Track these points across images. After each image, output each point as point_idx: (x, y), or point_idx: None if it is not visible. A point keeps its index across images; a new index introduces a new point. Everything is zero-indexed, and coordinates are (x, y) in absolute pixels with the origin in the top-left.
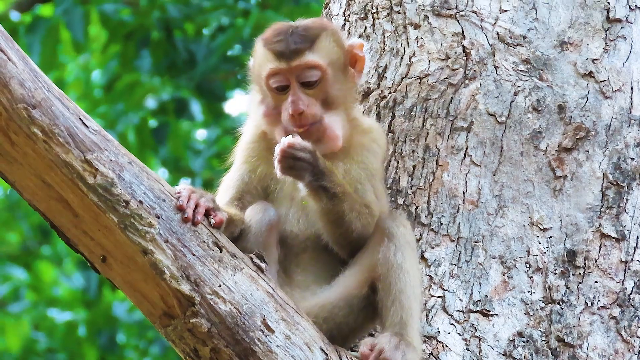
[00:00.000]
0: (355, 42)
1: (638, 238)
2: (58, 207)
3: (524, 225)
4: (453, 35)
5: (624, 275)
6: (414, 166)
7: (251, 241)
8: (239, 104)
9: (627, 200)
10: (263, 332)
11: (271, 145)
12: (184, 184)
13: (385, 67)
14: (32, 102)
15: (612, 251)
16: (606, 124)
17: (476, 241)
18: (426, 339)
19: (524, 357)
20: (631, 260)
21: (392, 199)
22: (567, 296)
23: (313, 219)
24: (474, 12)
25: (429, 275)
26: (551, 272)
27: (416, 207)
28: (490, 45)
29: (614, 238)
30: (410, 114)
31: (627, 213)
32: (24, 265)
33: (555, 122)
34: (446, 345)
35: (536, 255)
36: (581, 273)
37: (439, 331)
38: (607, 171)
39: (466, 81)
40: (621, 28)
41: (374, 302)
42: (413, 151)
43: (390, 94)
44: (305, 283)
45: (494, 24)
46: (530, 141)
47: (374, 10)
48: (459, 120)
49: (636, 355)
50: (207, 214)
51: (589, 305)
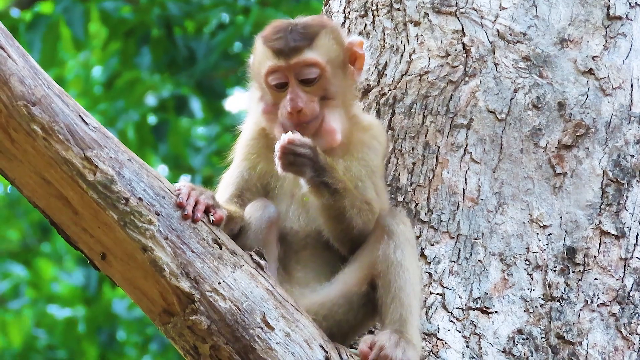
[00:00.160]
0: (355, 40)
1: (638, 235)
2: (58, 205)
3: (524, 222)
4: (453, 33)
5: (624, 272)
6: (414, 163)
7: (251, 238)
8: (239, 101)
9: (627, 197)
10: (263, 330)
11: (271, 142)
12: (183, 181)
13: (385, 65)
14: (32, 99)
15: (612, 248)
16: (606, 121)
17: (476, 238)
18: (426, 336)
19: (524, 355)
20: (631, 257)
21: (392, 196)
22: (567, 293)
23: (313, 216)
24: (474, 10)
25: (428, 272)
26: (551, 270)
27: (416, 205)
28: (490, 43)
29: (613, 235)
30: (410, 111)
31: (627, 210)
32: (23, 262)
33: (555, 119)
34: (446, 343)
35: (536, 252)
36: (581, 270)
37: (438, 328)
38: (607, 168)
39: (466, 78)
40: (621, 25)
41: (374, 300)
42: (413, 148)
43: (390, 91)
44: (305, 280)
45: (494, 21)
46: (530, 138)
47: (374, 8)
48: (458, 117)
49: (636, 353)
50: (207, 211)
51: (589, 302)
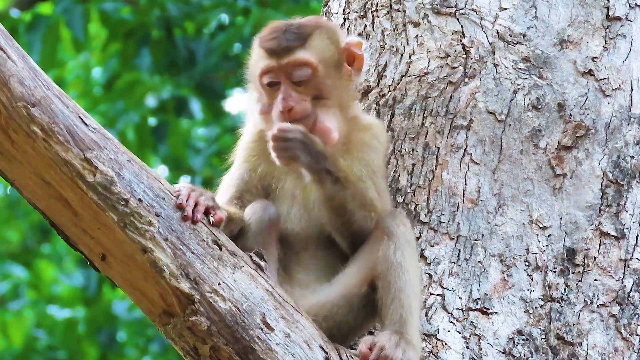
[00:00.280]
0: (353, 40)
1: (637, 236)
2: (58, 206)
3: (524, 223)
4: (453, 34)
5: (624, 273)
6: (414, 164)
7: (251, 239)
8: (238, 102)
9: (627, 198)
10: (263, 330)
11: None
12: (183, 182)
13: (385, 66)
14: (32, 100)
15: (612, 249)
16: (606, 122)
17: (476, 239)
18: (426, 337)
19: (524, 355)
20: (630, 258)
21: (392, 197)
22: (567, 294)
23: (315, 217)
24: (474, 10)
25: (428, 273)
26: (551, 270)
27: (416, 206)
28: (490, 44)
29: (613, 236)
30: (409, 112)
31: (627, 211)
32: (24, 263)
33: (554, 121)
34: (446, 343)
35: (536, 253)
36: (581, 271)
37: (438, 329)
38: (607, 169)
39: (466, 79)
40: (621, 26)
41: (374, 301)
42: (412, 149)
43: (389, 92)
44: (306, 281)
45: (494, 22)
46: (529, 139)
47: (374, 9)
48: (458, 118)
49: (636, 353)
50: (207, 212)
51: (589, 303)
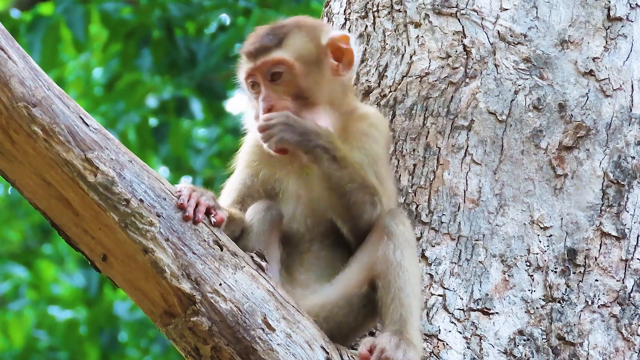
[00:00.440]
0: (337, 35)
1: (638, 236)
2: (58, 206)
3: (525, 223)
4: (454, 34)
5: (625, 273)
6: (415, 165)
7: (253, 240)
8: (239, 103)
9: (628, 198)
10: (264, 331)
11: None
12: (184, 182)
13: (386, 66)
14: (33, 101)
15: (613, 250)
16: (607, 123)
17: (477, 240)
18: (427, 337)
19: (525, 356)
20: (631, 258)
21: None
22: (568, 294)
23: (320, 214)
24: (475, 11)
25: (429, 273)
26: (552, 271)
27: (417, 206)
28: (491, 44)
29: (614, 236)
30: (410, 112)
31: (628, 211)
32: (24, 263)
33: (555, 121)
34: (447, 344)
35: (537, 253)
36: (581, 271)
37: (439, 329)
38: (608, 170)
39: (467, 80)
40: (622, 26)
41: (374, 300)
42: (414, 150)
43: (390, 93)
44: (307, 282)
45: (495, 22)
46: (530, 140)
47: (375, 9)
48: (459, 118)
49: (637, 354)
50: (208, 212)
51: (590, 303)
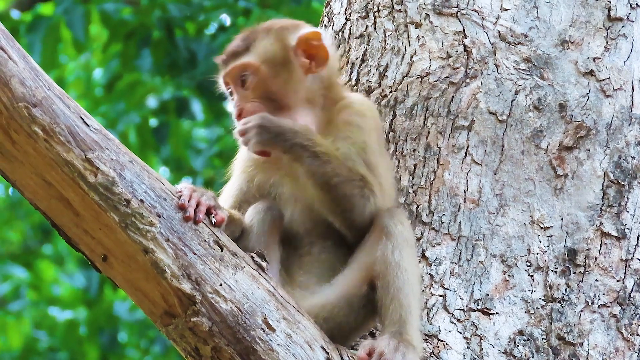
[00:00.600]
0: (304, 33)
1: (638, 237)
2: (59, 206)
3: (525, 223)
4: (454, 34)
5: (625, 273)
6: (415, 165)
7: (253, 240)
8: None
9: (628, 198)
10: (264, 331)
11: None
12: (185, 182)
13: (387, 66)
14: (33, 101)
15: (613, 250)
16: (607, 123)
17: (477, 240)
18: (427, 338)
19: (525, 356)
20: (632, 258)
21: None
22: (568, 294)
23: (317, 215)
24: (475, 11)
25: (429, 273)
26: (552, 271)
27: (417, 206)
28: (492, 44)
29: (614, 236)
30: (411, 112)
31: (628, 212)
32: (24, 264)
33: (556, 121)
34: (447, 344)
35: (537, 253)
36: (582, 271)
37: (439, 330)
38: (608, 170)
39: (467, 80)
40: (622, 27)
41: (374, 300)
42: (414, 150)
43: (391, 93)
44: (307, 283)
45: (495, 22)
46: (531, 140)
47: (375, 9)
48: (460, 119)
49: (637, 354)
50: (208, 212)
51: (590, 303)
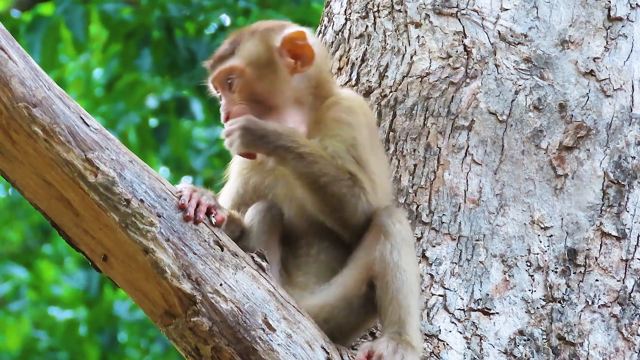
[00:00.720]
0: (289, 33)
1: (639, 237)
2: (59, 206)
3: (525, 223)
4: (454, 34)
5: (625, 273)
6: (415, 165)
7: (253, 240)
8: None
9: (628, 198)
10: (264, 331)
11: (260, 156)
12: (185, 182)
13: (387, 66)
14: (33, 101)
15: (613, 250)
16: (607, 123)
17: (477, 240)
18: (427, 338)
19: (525, 356)
20: (632, 258)
21: (394, 197)
22: (568, 294)
23: (311, 216)
24: (475, 11)
25: (430, 273)
26: (552, 271)
27: (417, 206)
28: (492, 44)
29: (614, 236)
30: (411, 112)
31: (628, 212)
32: (24, 264)
33: (556, 121)
34: (447, 344)
35: (537, 253)
36: (582, 271)
37: (440, 330)
38: (608, 170)
39: (467, 80)
40: (622, 26)
41: (373, 300)
42: (414, 150)
43: (391, 93)
44: (306, 284)
45: (495, 22)
46: (531, 140)
47: (375, 9)
48: (460, 119)
49: (637, 354)
50: (209, 212)
51: (590, 303)
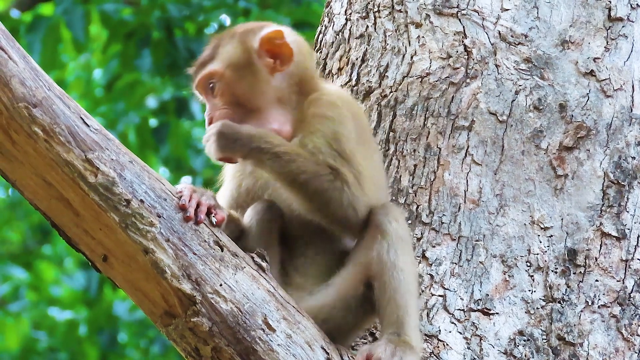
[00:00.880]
0: (266, 33)
1: (638, 237)
2: (59, 206)
3: (525, 224)
4: (454, 34)
5: (625, 273)
6: (415, 165)
7: (253, 240)
8: None
9: (628, 199)
10: (264, 331)
11: None
12: (185, 182)
13: (387, 66)
14: (33, 101)
15: (613, 250)
16: (607, 123)
17: (477, 240)
18: (427, 338)
19: (525, 356)
20: (632, 259)
21: (394, 198)
22: (568, 295)
23: (304, 217)
24: (476, 11)
25: (430, 274)
26: (552, 271)
27: (417, 206)
28: (492, 44)
29: (614, 237)
30: (411, 113)
31: (628, 212)
32: (24, 264)
33: (556, 121)
34: (447, 344)
35: (537, 254)
36: (582, 272)
37: (439, 330)
38: (608, 170)
39: (467, 80)
40: (622, 27)
41: (371, 299)
42: (414, 150)
43: (391, 93)
44: (304, 285)
45: (496, 22)
46: (531, 140)
47: (376, 9)
48: (460, 119)
49: (637, 354)
50: (208, 212)
51: (590, 303)
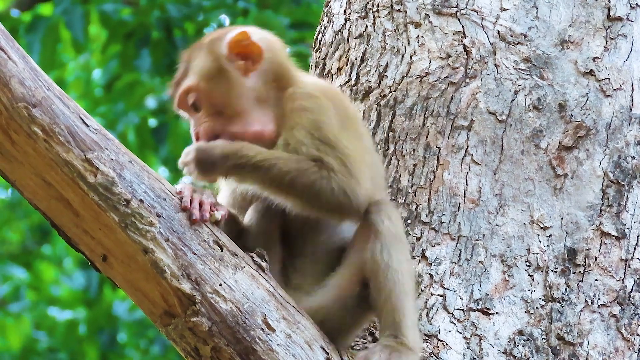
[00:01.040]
0: (231, 36)
1: (638, 236)
2: (58, 206)
3: (525, 223)
4: (454, 34)
5: (624, 273)
6: (415, 165)
7: (253, 240)
8: None
9: (628, 198)
10: (264, 331)
11: None
12: (184, 182)
13: (386, 66)
14: (33, 101)
15: (613, 249)
16: (607, 123)
17: (477, 240)
18: (427, 338)
19: (525, 356)
20: (631, 258)
21: (393, 197)
22: (568, 294)
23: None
24: (475, 11)
25: (429, 273)
26: (551, 271)
27: (417, 206)
28: (491, 44)
29: (614, 236)
30: (410, 112)
31: (628, 211)
32: (24, 264)
33: (555, 121)
34: (447, 344)
35: (537, 253)
36: (581, 271)
37: (439, 330)
38: (608, 169)
39: (467, 80)
40: (622, 26)
41: (368, 298)
42: (414, 150)
43: (390, 93)
44: (302, 285)
45: (495, 22)
46: (530, 140)
47: (375, 9)
48: (459, 119)
49: (636, 354)
50: (210, 210)
51: (589, 303)
